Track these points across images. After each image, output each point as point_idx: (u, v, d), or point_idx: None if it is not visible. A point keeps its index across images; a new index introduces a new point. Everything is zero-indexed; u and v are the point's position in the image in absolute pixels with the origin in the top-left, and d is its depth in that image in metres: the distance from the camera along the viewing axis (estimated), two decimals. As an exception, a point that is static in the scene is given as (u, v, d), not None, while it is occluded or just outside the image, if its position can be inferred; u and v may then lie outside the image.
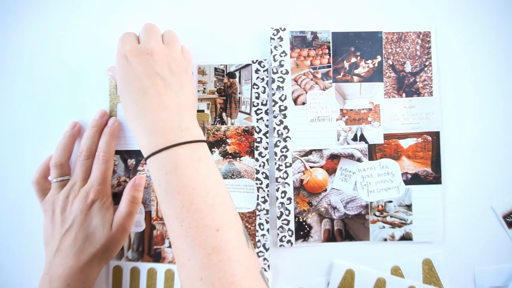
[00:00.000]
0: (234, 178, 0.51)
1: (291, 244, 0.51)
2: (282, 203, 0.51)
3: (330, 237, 0.51)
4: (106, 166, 0.48)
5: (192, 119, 0.43)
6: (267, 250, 0.50)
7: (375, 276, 0.50)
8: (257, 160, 0.51)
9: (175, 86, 0.43)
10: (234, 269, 0.36)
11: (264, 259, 0.50)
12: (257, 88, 0.51)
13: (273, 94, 0.51)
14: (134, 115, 0.42)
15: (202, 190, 0.38)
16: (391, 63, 0.52)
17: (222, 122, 0.51)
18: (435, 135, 0.51)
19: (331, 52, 0.51)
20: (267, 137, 0.51)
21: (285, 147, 0.51)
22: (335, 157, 0.51)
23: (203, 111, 0.51)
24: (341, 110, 0.51)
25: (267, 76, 0.51)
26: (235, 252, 0.37)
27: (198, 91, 0.51)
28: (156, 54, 0.43)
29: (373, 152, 0.51)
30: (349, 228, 0.51)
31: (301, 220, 0.51)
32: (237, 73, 0.51)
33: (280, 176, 0.51)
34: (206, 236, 0.37)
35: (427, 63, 0.52)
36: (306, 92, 0.51)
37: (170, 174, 0.39)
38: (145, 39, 0.44)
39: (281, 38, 0.51)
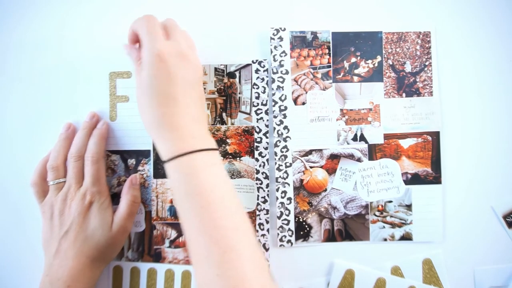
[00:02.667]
0: (234, 178, 0.51)
1: (291, 244, 0.51)
2: (282, 203, 0.51)
3: (330, 237, 0.51)
4: (96, 167, 0.48)
5: (207, 128, 0.45)
6: (267, 250, 0.50)
7: (375, 276, 0.50)
8: (257, 160, 0.51)
9: (199, 96, 0.45)
10: (246, 266, 0.38)
11: (264, 259, 0.50)
12: (257, 88, 0.51)
13: (273, 94, 0.51)
14: (157, 118, 0.42)
15: (219, 192, 0.40)
16: (391, 63, 0.52)
17: (222, 122, 0.51)
18: (435, 135, 0.51)
19: (331, 52, 0.51)
20: (267, 137, 0.51)
21: (285, 147, 0.51)
22: (335, 157, 0.51)
23: (203, 111, 0.51)
24: (341, 110, 0.51)
25: (267, 76, 0.51)
26: (248, 251, 0.39)
27: (198, 91, 0.51)
28: (190, 61, 0.44)
29: (373, 152, 0.51)
30: (349, 228, 0.51)
31: (301, 220, 0.51)
32: (237, 73, 0.51)
33: (280, 176, 0.51)
34: (222, 235, 0.39)
35: (427, 63, 0.52)
36: (306, 92, 0.51)
37: (190, 176, 0.40)
38: (176, 39, 0.44)
39: (281, 38, 0.51)
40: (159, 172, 0.51)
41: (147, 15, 0.44)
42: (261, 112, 0.51)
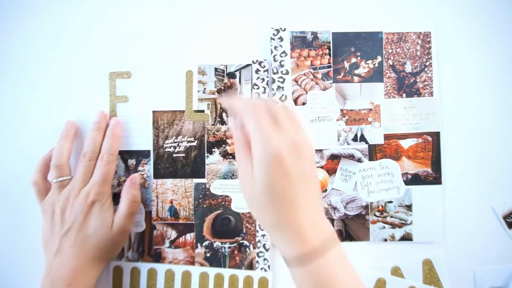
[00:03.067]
0: (234, 178, 0.51)
1: (291, 244, 0.51)
2: (282, 204, 0.51)
3: (330, 237, 0.51)
4: (109, 168, 0.48)
5: (323, 214, 0.39)
6: (267, 250, 0.50)
7: (375, 276, 0.50)
8: (257, 160, 0.51)
9: (313, 185, 0.38)
10: None
11: (264, 259, 0.50)
12: (257, 89, 0.51)
13: (274, 94, 0.51)
14: (276, 223, 0.37)
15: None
16: (391, 64, 0.52)
17: (222, 122, 0.51)
18: (435, 136, 0.51)
19: (331, 52, 0.51)
20: (267, 137, 0.51)
21: (285, 147, 0.51)
22: (335, 157, 0.51)
23: (203, 111, 0.51)
24: (342, 110, 0.51)
25: (267, 77, 0.51)
26: None
27: (198, 91, 0.51)
28: (304, 152, 0.37)
29: (373, 153, 0.51)
30: (349, 229, 0.51)
31: (301, 220, 0.51)
32: (237, 73, 0.51)
33: (280, 177, 0.51)
34: None
35: (427, 64, 0.52)
36: (307, 92, 0.51)
37: (319, 285, 0.36)
38: (285, 128, 0.37)
39: (281, 38, 0.51)
40: (159, 172, 0.51)
41: (252, 101, 0.39)
42: (261, 112, 0.51)
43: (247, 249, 0.51)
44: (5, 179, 0.51)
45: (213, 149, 0.51)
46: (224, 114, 0.51)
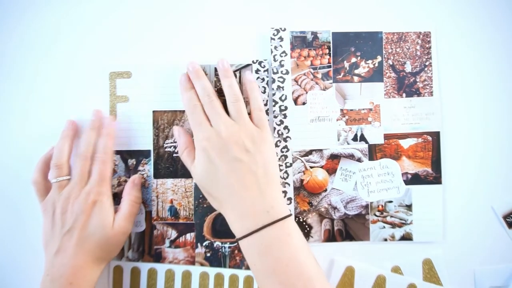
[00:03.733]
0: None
1: (292, 244, 0.51)
2: (282, 203, 0.51)
3: (330, 237, 0.51)
4: (104, 167, 0.48)
5: (275, 194, 0.45)
6: (267, 250, 0.50)
7: (375, 273, 0.50)
8: (257, 160, 0.51)
9: (253, 165, 0.44)
10: None
11: None
12: (257, 88, 0.51)
13: (274, 94, 0.51)
14: (220, 203, 0.45)
15: (295, 265, 0.41)
16: (391, 63, 0.52)
17: (222, 122, 0.51)
18: (435, 135, 0.51)
19: (331, 52, 0.51)
20: (267, 137, 0.51)
21: (286, 147, 0.51)
22: (335, 157, 0.51)
23: (203, 111, 0.51)
24: (341, 110, 0.51)
25: (267, 76, 0.51)
26: None
27: (198, 91, 0.51)
28: (228, 139, 0.44)
29: (373, 152, 0.51)
30: (349, 228, 0.51)
31: (301, 220, 0.51)
32: (237, 73, 0.51)
33: (280, 176, 0.51)
34: None
35: (427, 63, 0.52)
36: (307, 92, 0.51)
37: (262, 256, 0.41)
38: (213, 121, 0.46)
39: (281, 38, 0.51)
40: (159, 172, 0.51)
41: (187, 96, 0.48)
42: (261, 112, 0.51)
43: (247, 249, 0.51)
44: (5, 179, 0.51)
45: (213, 149, 0.51)
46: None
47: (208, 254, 0.51)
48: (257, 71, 0.51)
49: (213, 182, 0.45)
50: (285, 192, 0.51)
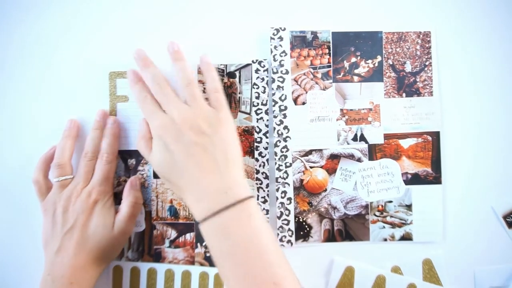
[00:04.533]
0: (234, 178, 0.51)
1: (291, 244, 0.51)
2: (282, 203, 0.51)
3: (330, 237, 0.51)
4: (109, 167, 0.48)
5: (234, 176, 0.43)
6: (267, 250, 0.50)
7: (374, 273, 0.50)
8: (257, 160, 0.51)
9: (210, 147, 0.43)
10: None
11: None
12: (257, 88, 0.51)
13: (273, 94, 0.51)
14: (180, 188, 0.43)
15: (255, 247, 0.40)
16: (391, 63, 0.52)
17: (222, 122, 0.51)
18: (435, 135, 0.51)
19: (331, 52, 0.51)
20: (267, 137, 0.51)
21: (285, 147, 0.51)
22: (335, 157, 0.51)
23: (203, 111, 0.51)
24: (341, 110, 0.51)
25: (267, 76, 0.51)
26: None
27: (198, 91, 0.51)
28: (183, 123, 0.43)
29: (373, 152, 0.51)
30: (349, 228, 0.51)
31: (301, 220, 0.51)
32: (237, 73, 0.51)
33: (280, 176, 0.51)
34: None
35: (427, 63, 0.52)
36: (306, 92, 0.51)
37: (221, 238, 0.40)
38: (166, 108, 0.45)
39: (281, 38, 0.51)
40: (159, 172, 0.51)
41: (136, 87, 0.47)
42: (261, 112, 0.51)
43: (247, 249, 0.51)
44: (6, 178, 0.51)
45: (213, 149, 0.51)
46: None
47: (208, 254, 0.51)
48: (257, 70, 0.51)
49: (172, 169, 0.43)
50: (284, 192, 0.51)
